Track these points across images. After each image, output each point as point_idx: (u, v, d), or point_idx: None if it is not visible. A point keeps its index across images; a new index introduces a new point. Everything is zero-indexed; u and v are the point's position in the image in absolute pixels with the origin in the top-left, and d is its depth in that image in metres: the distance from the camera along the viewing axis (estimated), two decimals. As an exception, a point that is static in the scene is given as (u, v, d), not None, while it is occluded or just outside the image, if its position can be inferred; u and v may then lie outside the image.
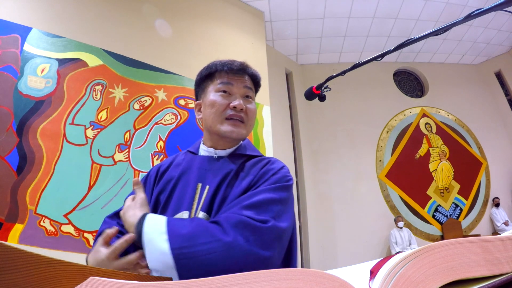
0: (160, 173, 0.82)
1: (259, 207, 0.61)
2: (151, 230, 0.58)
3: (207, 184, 0.74)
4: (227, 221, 0.56)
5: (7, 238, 1.98)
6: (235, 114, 0.77)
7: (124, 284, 0.25)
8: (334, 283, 0.25)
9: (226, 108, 0.77)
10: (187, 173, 0.78)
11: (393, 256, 0.28)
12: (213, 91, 0.80)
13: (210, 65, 0.83)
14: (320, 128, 5.42)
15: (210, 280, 0.25)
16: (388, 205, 5.13)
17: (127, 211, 0.68)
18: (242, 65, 0.81)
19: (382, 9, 4.72)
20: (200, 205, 0.71)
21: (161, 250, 0.54)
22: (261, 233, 0.56)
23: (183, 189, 0.75)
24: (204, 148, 0.83)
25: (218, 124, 0.77)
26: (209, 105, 0.79)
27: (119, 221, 0.77)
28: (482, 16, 0.53)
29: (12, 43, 2.35)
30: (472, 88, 6.31)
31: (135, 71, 2.91)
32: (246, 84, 0.81)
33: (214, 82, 0.81)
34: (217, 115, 0.77)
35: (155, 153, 2.77)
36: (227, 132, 0.76)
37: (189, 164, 0.80)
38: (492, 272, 0.29)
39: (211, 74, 0.82)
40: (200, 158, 0.81)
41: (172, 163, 0.84)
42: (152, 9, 3.26)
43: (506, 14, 4.64)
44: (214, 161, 0.79)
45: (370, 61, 0.83)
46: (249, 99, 0.81)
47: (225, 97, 0.78)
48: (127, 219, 0.66)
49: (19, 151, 2.15)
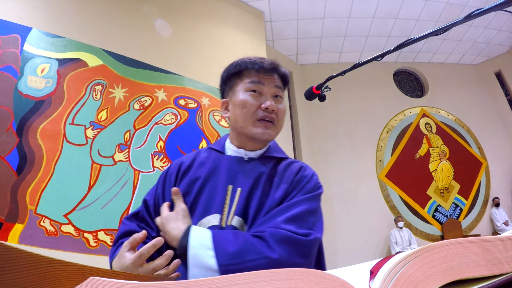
0: (182, 172, 0.79)
1: (299, 219, 0.63)
2: (197, 244, 0.58)
3: (238, 186, 0.72)
4: (272, 237, 0.58)
5: (7, 238, 1.98)
6: (267, 116, 0.74)
7: (124, 284, 0.25)
8: (334, 283, 0.25)
9: (257, 109, 0.75)
10: (215, 174, 0.75)
11: (393, 256, 0.28)
12: (243, 90, 0.76)
13: (239, 62, 0.80)
14: (320, 128, 5.42)
15: (210, 280, 0.25)
16: (388, 205, 5.13)
17: (168, 222, 0.65)
18: (273, 63, 0.79)
19: (382, 9, 4.72)
20: (232, 209, 0.69)
21: (208, 266, 0.55)
22: (303, 247, 0.59)
23: (212, 190, 0.72)
24: (232, 147, 0.80)
25: (250, 126, 0.75)
26: (239, 104, 0.76)
27: (139, 223, 0.76)
28: (482, 16, 0.53)
29: (12, 43, 2.35)
30: (472, 88, 6.31)
31: (135, 71, 2.91)
32: (277, 84, 0.78)
33: (243, 80, 0.78)
34: (248, 116, 0.74)
35: (155, 153, 2.77)
36: (258, 134, 0.74)
37: (216, 163, 0.77)
38: (492, 272, 0.29)
39: (240, 72, 0.79)
40: (228, 158, 0.78)
41: (194, 160, 0.81)
42: (152, 9, 3.26)
43: (506, 14, 4.64)
44: (244, 163, 0.77)
45: (370, 61, 0.83)
46: (279, 98, 0.78)
47: (256, 97, 0.75)
48: (169, 231, 0.64)
49: (19, 151, 2.15)
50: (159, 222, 0.68)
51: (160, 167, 2.74)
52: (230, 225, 0.68)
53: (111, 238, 2.32)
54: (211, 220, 0.68)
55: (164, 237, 0.66)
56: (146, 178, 2.63)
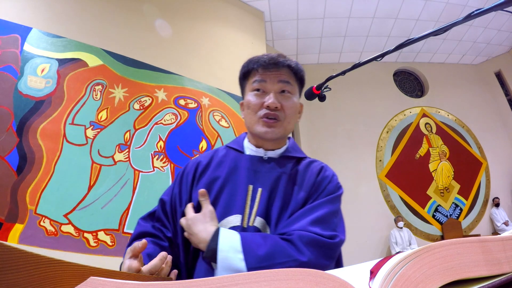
0: (200, 171, 0.77)
1: (323, 221, 0.64)
2: (226, 247, 0.58)
3: (259, 186, 0.71)
4: (300, 240, 0.59)
5: (7, 238, 1.98)
6: (268, 113, 0.73)
7: (124, 284, 0.25)
8: (334, 283, 0.25)
9: (260, 107, 0.74)
10: (235, 173, 0.74)
11: (393, 256, 0.28)
12: (249, 91, 0.77)
13: (245, 63, 0.79)
14: (320, 128, 5.42)
15: (210, 280, 0.25)
16: (388, 205, 5.13)
17: (195, 224, 0.65)
18: (273, 58, 0.75)
19: (382, 9, 4.72)
20: (254, 209, 0.68)
21: (237, 269, 0.55)
22: (330, 249, 0.61)
23: (233, 190, 0.71)
24: (250, 147, 0.79)
25: (255, 125, 0.75)
26: (246, 105, 0.77)
27: (154, 224, 0.75)
28: (482, 16, 0.53)
29: (12, 43, 2.35)
30: (472, 88, 6.31)
31: (135, 71, 2.91)
32: (281, 78, 0.74)
33: (249, 81, 0.78)
34: (252, 116, 0.75)
35: (155, 153, 2.77)
36: (261, 133, 0.73)
37: (236, 163, 0.76)
38: (492, 272, 0.29)
39: (247, 73, 0.79)
40: (247, 157, 0.77)
41: (212, 159, 0.80)
42: (152, 9, 3.26)
43: (506, 14, 4.64)
44: (263, 162, 0.76)
45: (370, 61, 0.83)
46: (286, 94, 0.75)
47: (259, 95, 0.74)
48: (197, 233, 0.63)
49: (19, 151, 2.15)
50: (185, 223, 0.67)
51: (160, 167, 2.74)
52: (252, 226, 0.67)
53: (111, 238, 2.32)
54: (232, 221, 0.68)
55: (190, 238, 0.65)
56: (146, 178, 2.63)
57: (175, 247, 0.72)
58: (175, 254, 0.72)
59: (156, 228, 0.74)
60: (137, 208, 2.49)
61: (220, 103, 3.36)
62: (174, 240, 0.73)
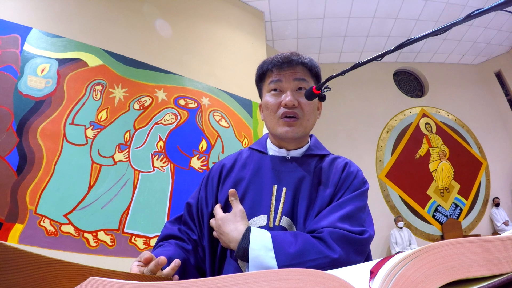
0: (225, 174, 0.78)
1: (352, 218, 0.64)
2: (257, 246, 0.58)
3: (283, 186, 0.71)
4: (330, 237, 0.59)
5: (7, 238, 1.98)
6: (287, 112, 0.73)
7: (124, 284, 0.25)
8: (334, 283, 0.25)
9: (278, 107, 0.74)
10: (259, 174, 0.75)
11: (393, 256, 0.28)
12: (266, 92, 0.77)
13: (260, 65, 0.80)
14: (320, 128, 5.41)
15: (210, 280, 0.25)
16: (388, 205, 5.13)
17: (225, 224, 0.65)
18: (286, 57, 0.75)
19: (382, 9, 4.72)
20: (279, 209, 0.69)
21: (268, 267, 0.56)
22: (360, 245, 0.61)
23: (258, 191, 0.72)
24: (273, 147, 0.80)
25: (276, 126, 0.75)
26: (264, 107, 0.77)
27: (180, 227, 0.76)
28: (482, 16, 0.53)
29: (12, 43, 2.35)
30: (472, 88, 6.31)
31: (135, 71, 2.91)
32: (297, 76, 0.75)
33: (265, 82, 0.79)
34: (272, 117, 0.75)
35: (155, 153, 2.77)
36: (282, 133, 0.74)
37: (259, 164, 0.77)
38: (492, 272, 0.29)
39: (263, 74, 0.79)
40: (271, 158, 0.78)
41: (236, 162, 0.81)
42: (152, 9, 3.26)
43: (506, 14, 4.64)
44: (287, 162, 0.76)
45: (370, 61, 0.83)
46: (303, 91, 0.75)
47: (277, 95, 0.75)
48: (228, 232, 0.63)
49: (19, 151, 2.15)
50: (215, 223, 0.67)
51: (160, 167, 2.74)
52: (279, 226, 0.67)
53: (111, 238, 2.32)
54: (259, 221, 0.68)
55: (220, 238, 0.65)
56: (146, 178, 2.63)
57: (201, 249, 0.73)
58: (201, 257, 0.73)
59: (182, 231, 0.75)
60: (137, 208, 2.49)
61: (220, 103, 3.36)
62: (200, 242, 0.74)
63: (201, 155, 3.02)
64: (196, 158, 2.98)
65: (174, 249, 0.69)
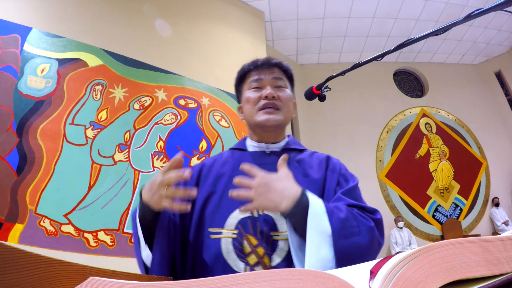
0: (206, 172, 0.80)
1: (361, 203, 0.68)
2: (316, 206, 0.60)
3: None
4: (361, 211, 0.65)
5: (7, 238, 1.98)
6: (268, 103, 0.79)
7: (124, 284, 0.25)
8: (334, 283, 0.25)
9: (259, 100, 0.80)
10: (239, 169, 0.74)
11: (393, 256, 0.28)
12: (247, 90, 0.84)
13: (241, 68, 0.88)
14: (320, 128, 5.42)
15: (210, 280, 0.25)
16: (388, 205, 5.13)
17: (279, 180, 0.62)
18: (266, 59, 0.85)
19: (382, 9, 4.72)
20: None
21: (323, 229, 0.58)
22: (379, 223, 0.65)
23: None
24: (253, 143, 0.84)
25: (255, 116, 0.80)
26: (245, 102, 0.83)
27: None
28: (482, 16, 0.53)
29: (12, 43, 2.35)
30: (472, 88, 6.31)
31: (135, 71, 2.91)
32: (275, 75, 0.83)
33: (246, 82, 0.85)
34: (252, 109, 0.81)
35: (155, 153, 2.77)
36: (263, 120, 0.78)
37: (240, 160, 0.79)
38: (492, 272, 0.29)
39: (243, 75, 0.87)
40: (250, 153, 0.82)
41: (216, 161, 0.84)
42: (152, 9, 3.26)
43: (506, 14, 4.64)
44: (267, 156, 0.80)
45: (370, 61, 0.83)
46: (281, 88, 0.83)
47: (257, 91, 0.82)
48: (282, 190, 0.60)
49: (19, 151, 2.15)
50: (258, 181, 0.62)
51: (160, 167, 2.74)
52: (264, 214, 0.69)
53: (111, 238, 2.32)
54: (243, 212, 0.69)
55: (262, 197, 0.60)
56: (146, 178, 2.63)
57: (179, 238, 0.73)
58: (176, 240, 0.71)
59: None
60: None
61: (220, 103, 3.36)
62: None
63: (201, 155, 3.02)
64: (196, 158, 2.98)
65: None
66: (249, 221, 0.69)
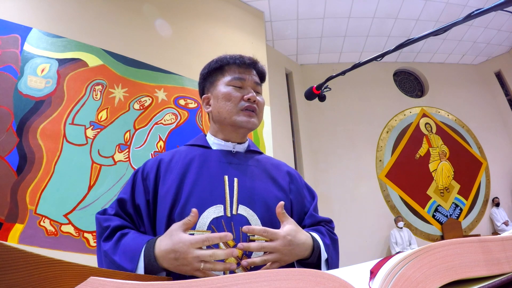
0: (165, 168, 0.76)
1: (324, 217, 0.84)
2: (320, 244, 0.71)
3: (235, 176, 0.74)
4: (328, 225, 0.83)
5: (7, 238, 1.98)
6: (250, 106, 0.79)
7: (124, 284, 0.25)
8: (334, 283, 0.25)
9: (240, 100, 0.79)
10: (206, 167, 0.75)
11: (393, 256, 0.28)
12: (224, 84, 0.81)
13: (220, 58, 0.85)
14: (320, 128, 5.42)
15: (211, 280, 0.25)
16: (388, 205, 5.13)
17: (299, 233, 0.65)
18: (251, 59, 0.85)
19: (382, 9, 4.72)
20: (235, 198, 0.70)
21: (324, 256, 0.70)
22: None
23: (208, 182, 0.72)
24: (218, 141, 0.83)
25: (234, 116, 0.78)
26: (222, 97, 0.80)
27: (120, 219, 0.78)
28: (482, 16, 0.53)
29: (12, 43, 2.35)
30: (472, 88, 6.31)
31: (135, 71, 2.91)
32: (255, 80, 0.84)
33: (224, 75, 0.82)
34: (231, 108, 0.79)
35: (155, 153, 2.77)
36: (243, 122, 0.78)
37: (205, 157, 0.78)
38: (492, 272, 0.29)
39: (222, 67, 0.84)
40: (216, 151, 0.81)
41: (174, 156, 0.79)
42: (152, 9, 3.26)
43: (506, 14, 4.64)
44: (232, 155, 0.80)
45: (370, 61, 0.83)
46: (259, 94, 0.84)
47: (238, 90, 0.80)
48: (303, 242, 0.65)
49: (19, 151, 2.15)
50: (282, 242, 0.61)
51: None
52: (237, 214, 0.68)
53: (111, 238, 2.32)
54: (215, 211, 0.68)
55: (289, 252, 0.62)
56: (146, 178, 2.63)
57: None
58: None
59: (127, 221, 0.73)
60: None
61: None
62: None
63: (201, 155, 3.02)
64: (196, 158, 2.98)
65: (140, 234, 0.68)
66: (223, 221, 0.67)
